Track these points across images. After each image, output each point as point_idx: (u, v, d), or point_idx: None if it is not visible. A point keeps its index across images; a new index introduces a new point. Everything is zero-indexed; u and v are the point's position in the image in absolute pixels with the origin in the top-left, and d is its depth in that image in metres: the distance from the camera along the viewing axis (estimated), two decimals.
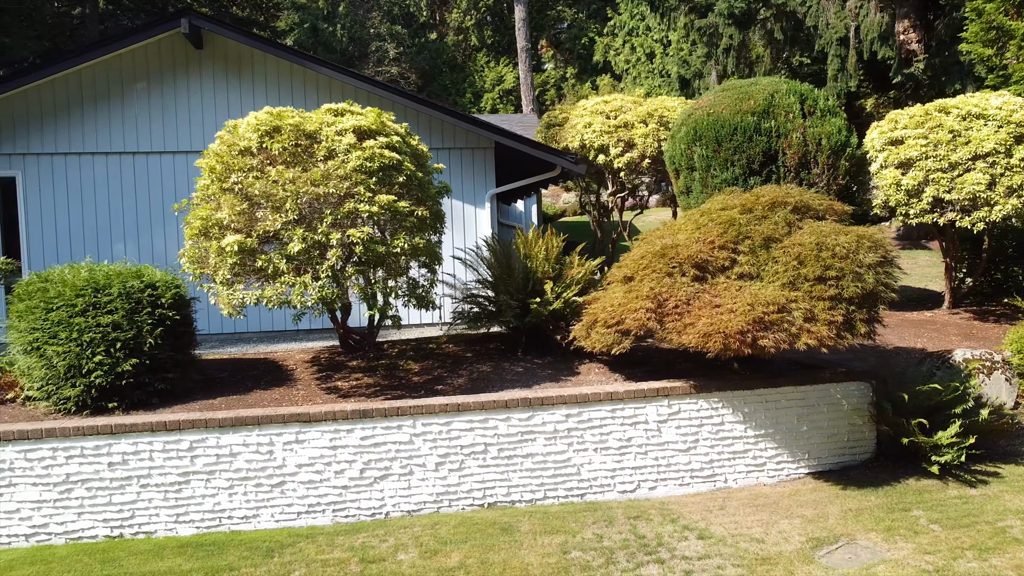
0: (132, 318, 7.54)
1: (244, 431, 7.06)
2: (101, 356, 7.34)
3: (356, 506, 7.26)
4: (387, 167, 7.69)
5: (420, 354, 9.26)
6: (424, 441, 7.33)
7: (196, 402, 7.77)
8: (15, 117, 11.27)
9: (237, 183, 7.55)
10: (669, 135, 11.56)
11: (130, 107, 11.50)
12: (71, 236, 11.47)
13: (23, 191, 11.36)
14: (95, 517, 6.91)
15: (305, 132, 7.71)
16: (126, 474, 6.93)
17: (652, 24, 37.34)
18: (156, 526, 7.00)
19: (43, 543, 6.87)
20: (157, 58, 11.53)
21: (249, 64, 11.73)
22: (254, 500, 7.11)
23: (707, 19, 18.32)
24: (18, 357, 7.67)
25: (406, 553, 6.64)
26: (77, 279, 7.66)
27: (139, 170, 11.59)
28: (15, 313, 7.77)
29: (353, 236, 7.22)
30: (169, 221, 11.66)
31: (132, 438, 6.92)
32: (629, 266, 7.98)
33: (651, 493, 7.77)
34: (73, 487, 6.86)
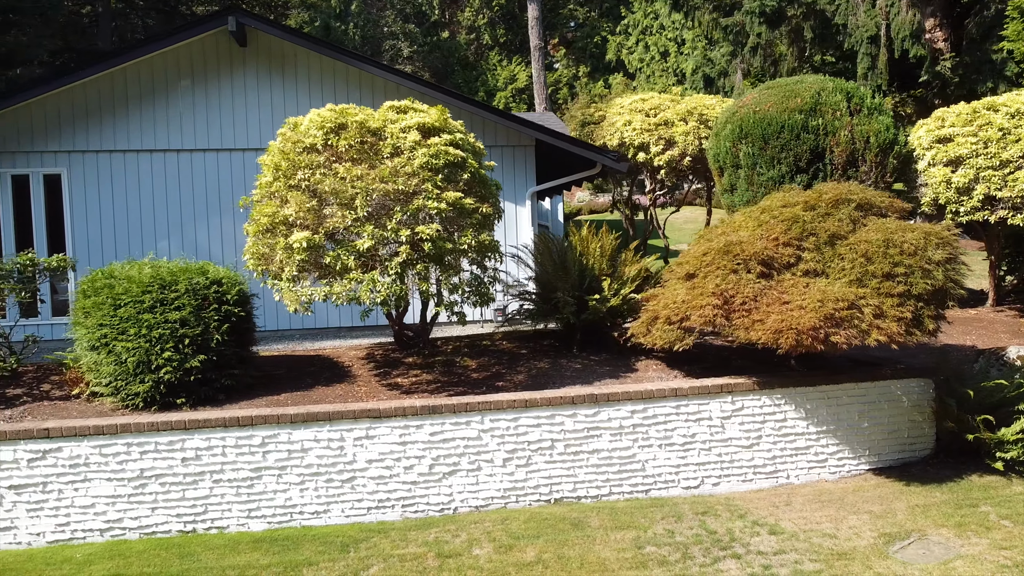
0: (199, 314, 7.57)
1: (315, 427, 7.09)
2: (170, 352, 7.37)
3: (425, 501, 7.29)
4: (452, 164, 7.72)
5: (475, 351, 9.29)
6: (492, 437, 7.36)
7: (261, 398, 7.81)
8: (61, 115, 11.29)
9: (304, 180, 7.57)
10: (712, 133, 11.58)
11: (174, 105, 11.53)
12: (115, 232, 11.49)
13: (68, 188, 11.39)
14: (168, 512, 6.94)
15: (370, 129, 7.74)
16: (199, 469, 6.95)
17: (666, 23, 37.38)
18: (228, 521, 7.03)
19: (117, 538, 6.90)
20: (201, 56, 11.55)
21: (292, 62, 11.75)
22: (324, 495, 7.14)
23: (733, 18, 18.33)
24: (85, 353, 7.69)
25: (480, 548, 6.67)
26: (143, 275, 7.69)
27: (183, 167, 11.62)
28: (81, 309, 7.80)
29: (422, 233, 7.25)
30: (212, 217, 11.68)
31: (205, 434, 6.95)
32: (690, 263, 8.00)
33: (715, 489, 7.80)
34: (147, 482, 6.89)
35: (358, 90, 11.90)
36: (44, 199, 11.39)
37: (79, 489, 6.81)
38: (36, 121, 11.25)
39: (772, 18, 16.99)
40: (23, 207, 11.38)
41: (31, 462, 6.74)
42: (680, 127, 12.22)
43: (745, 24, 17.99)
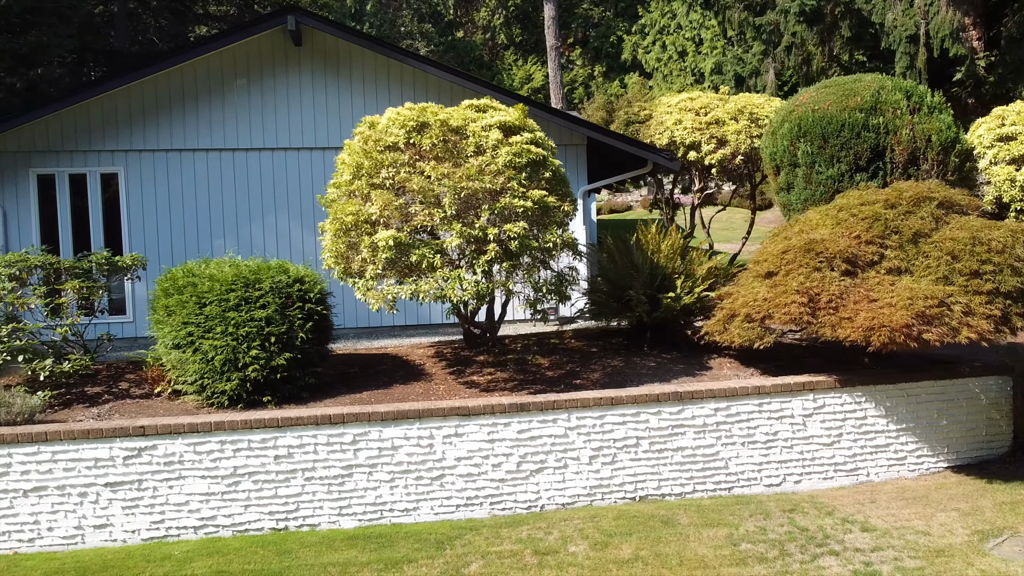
0: (284, 312, 7.59)
1: (405, 424, 7.11)
2: (257, 350, 7.39)
3: (512, 499, 7.31)
4: (534, 163, 7.74)
5: (544, 349, 9.31)
6: (578, 435, 7.38)
7: (344, 396, 7.83)
8: (118, 114, 11.32)
9: (388, 179, 7.59)
10: (767, 131, 11.59)
11: (230, 104, 11.55)
12: (171, 231, 11.52)
13: (125, 186, 11.42)
14: (261, 510, 6.96)
15: (451, 127, 7.75)
16: (291, 467, 6.97)
17: (683, 23, 37.42)
18: (319, 519, 7.05)
19: (211, 535, 6.92)
20: (257, 55, 11.57)
21: (347, 61, 11.77)
22: (414, 493, 7.16)
23: (767, 16, 18.35)
24: (168, 351, 7.71)
25: (575, 545, 6.68)
26: (226, 274, 7.71)
27: (237, 167, 11.64)
28: (163, 308, 7.82)
29: (510, 231, 7.27)
30: (267, 216, 11.71)
31: (297, 431, 6.97)
32: (769, 262, 8.02)
33: (796, 487, 7.81)
34: (240, 480, 6.91)
35: (411, 89, 11.91)
36: (101, 198, 11.42)
37: (173, 487, 6.83)
38: (93, 121, 11.28)
39: (811, 17, 17.01)
40: (80, 206, 11.41)
41: (127, 460, 6.76)
42: (731, 126, 12.25)
43: (779, 23, 18.02)
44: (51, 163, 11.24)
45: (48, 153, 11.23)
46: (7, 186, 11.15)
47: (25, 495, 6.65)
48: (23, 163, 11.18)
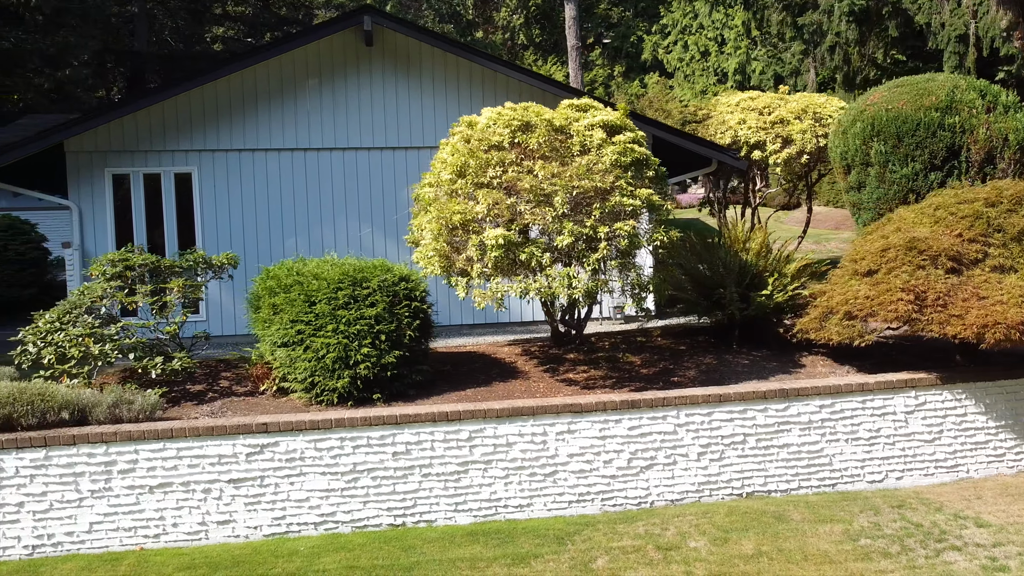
0: (392, 310, 7.65)
1: (519, 421, 7.17)
2: (368, 348, 7.45)
3: (623, 495, 7.37)
4: (638, 162, 7.80)
5: (632, 347, 9.36)
6: (687, 431, 7.44)
7: (449, 393, 7.89)
8: (192, 115, 11.38)
9: (495, 178, 7.65)
10: (835, 131, 11.64)
11: (302, 104, 11.61)
12: (244, 230, 11.58)
13: (198, 186, 11.48)
14: (379, 506, 7.02)
15: (555, 127, 7.81)
16: (409, 464, 7.04)
17: (705, 23, 37.46)
18: (436, 515, 7.11)
19: (331, 531, 6.98)
20: (329, 55, 11.63)
21: (416, 61, 11.83)
22: (528, 489, 7.22)
23: (808, 16, 18.41)
24: (275, 349, 7.77)
25: (695, 541, 6.74)
26: (332, 272, 7.77)
27: (309, 166, 11.70)
28: (269, 306, 7.89)
29: (620, 229, 7.33)
30: (338, 216, 11.77)
31: (415, 428, 7.03)
32: (867, 260, 8.07)
33: (898, 483, 7.87)
34: (359, 476, 6.97)
35: (480, 88, 11.97)
36: (175, 198, 11.49)
37: (294, 483, 6.90)
38: (168, 121, 11.35)
39: (860, 17, 17.09)
40: (154, 205, 11.48)
41: (249, 456, 6.82)
42: (796, 125, 12.31)
43: (822, 23, 18.08)
44: (126, 163, 11.31)
45: (123, 153, 11.30)
46: (83, 185, 11.22)
47: (151, 491, 6.72)
48: (99, 163, 11.25)
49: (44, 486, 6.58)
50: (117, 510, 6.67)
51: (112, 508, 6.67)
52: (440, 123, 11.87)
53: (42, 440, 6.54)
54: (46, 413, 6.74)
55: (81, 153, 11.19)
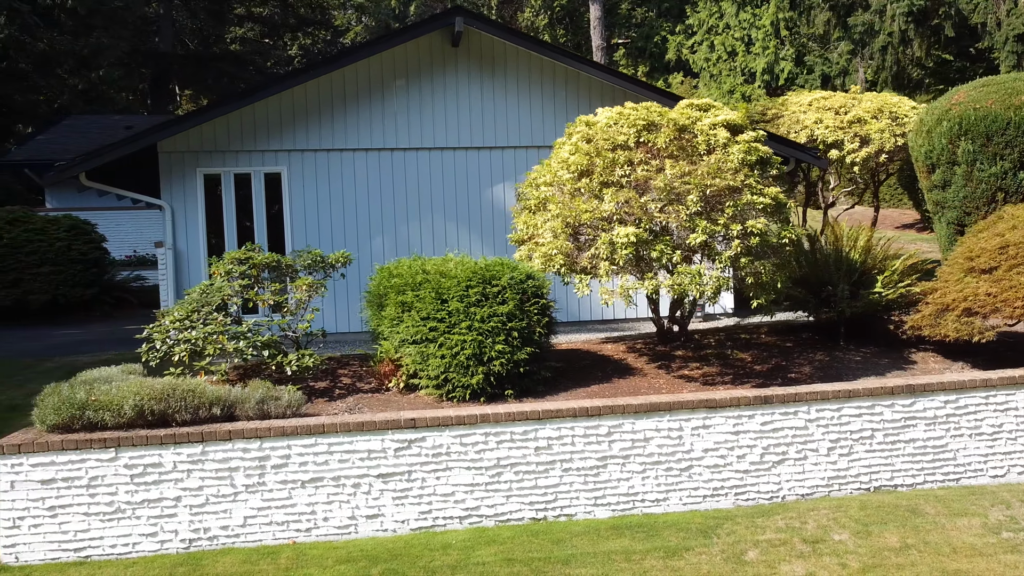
0: (523, 307, 7.76)
1: (656, 417, 7.27)
2: (502, 345, 7.56)
3: (756, 490, 7.47)
4: (762, 160, 7.90)
5: (738, 344, 9.46)
6: (817, 427, 7.54)
7: (577, 389, 8.00)
8: (282, 116, 11.50)
9: (624, 176, 7.76)
10: (917, 130, 11.73)
11: (388, 105, 11.72)
12: (332, 229, 11.70)
13: (288, 186, 11.60)
14: (521, 500, 7.12)
15: (679, 126, 7.92)
16: (550, 458, 7.14)
17: (732, 23, 37.54)
18: (576, 509, 7.21)
19: (475, 525, 7.08)
20: (415, 56, 11.74)
21: (501, 61, 11.94)
22: (664, 484, 7.32)
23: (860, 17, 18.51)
24: (407, 346, 7.87)
25: (837, 534, 6.84)
26: (460, 270, 7.87)
27: (396, 166, 11.82)
28: (396, 304, 7.99)
29: (752, 227, 7.43)
30: (424, 215, 11.88)
31: (556, 424, 7.13)
32: (985, 257, 8.17)
33: (1020, 478, 7.96)
34: (503, 471, 7.07)
35: (564, 88, 12.08)
36: (265, 197, 11.60)
37: (440, 478, 7.00)
38: (259, 122, 11.46)
39: (919, 17, 17.20)
40: (245, 204, 11.59)
41: (397, 451, 6.92)
42: (874, 124, 12.41)
43: (874, 23, 18.18)
44: (217, 163, 11.42)
45: (215, 153, 11.42)
46: (175, 185, 11.34)
47: (303, 486, 6.82)
48: (191, 163, 11.36)
49: (200, 481, 6.68)
50: (270, 504, 6.78)
51: (265, 502, 6.77)
52: (524, 123, 11.99)
53: (199, 436, 6.65)
54: (198, 409, 6.85)
55: (174, 153, 11.31)
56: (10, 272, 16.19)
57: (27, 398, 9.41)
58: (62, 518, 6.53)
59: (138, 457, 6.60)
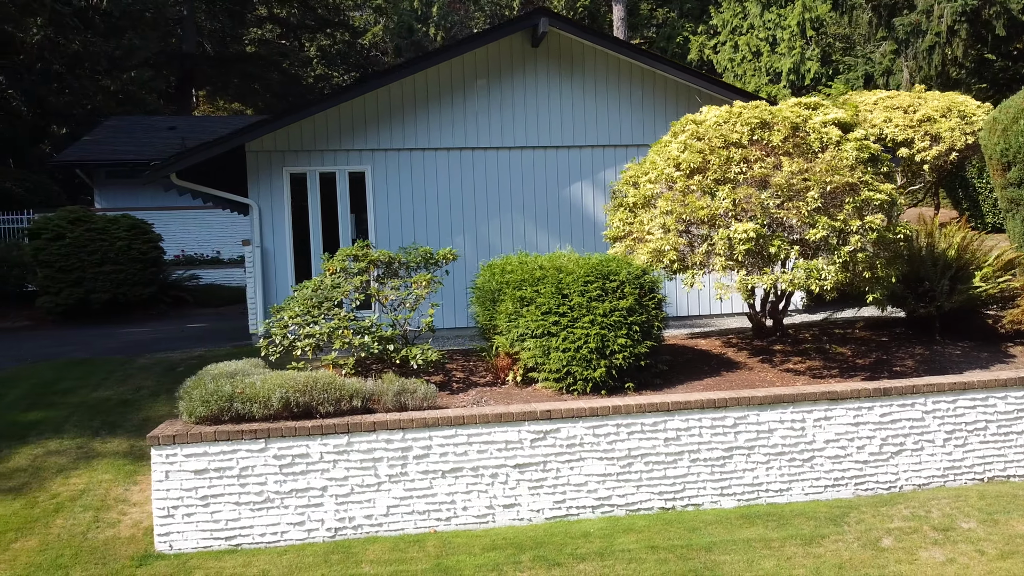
0: (641, 302, 7.92)
1: (780, 408, 7.43)
2: (623, 339, 7.71)
3: (874, 480, 7.63)
4: (873, 158, 8.06)
5: (833, 338, 9.62)
6: (933, 418, 7.70)
7: (692, 382, 8.15)
8: (367, 117, 11.67)
9: (740, 173, 7.92)
10: (988, 127, 11.87)
11: (470, 105, 11.89)
12: (415, 227, 11.86)
13: (371, 184, 11.76)
14: (651, 490, 7.28)
15: (791, 124, 8.07)
16: (678, 449, 7.30)
17: (756, 23, 37.71)
18: (703, 499, 7.37)
19: (607, 514, 7.24)
20: (496, 57, 11.91)
21: (580, 60, 12.10)
22: (787, 474, 7.48)
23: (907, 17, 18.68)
24: (526, 340, 8.02)
25: (965, 522, 7.00)
26: (577, 266, 8.03)
27: (476, 165, 11.99)
28: (514, 299, 8.15)
29: (871, 223, 7.58)
30: (504, 214, 12.04)
31: (684, 415, 7.29)
32: None
33: None
34: (633, 461, 7.24)
35: (640, 87, 12.24)
36: (349, 195, 11.77)
37: (574, 468, 7.16)
38: (343, 122, 11.63)
39: (971, 17, 17.37)
40: (329, 203, 11.76)
41: (533, 442, 7.09)
42: (944, 123, 12.57)
43: (920, 23, 18.35)
44: (303, 162, 11.59)
45: (301, 153, 11.59)
46: (262, 184, 11.50)
47: (443, 476, 6.98)
48: (277, 163, 11.53)
49: (346, 471, 6.85)
50: (412, 494, 6.94)
51: (407, 492, 6.94)
52: (601, 122, 12.15)
53: (345, 427, 6.81)
54: (340, 401, 7.01)
55: (261, 153, 11.48)
56: (73, 271, 16.39)
57: (135, 393, 9.61)
58: (214, 507, 6.70)
59: (286, 448, 6.77)
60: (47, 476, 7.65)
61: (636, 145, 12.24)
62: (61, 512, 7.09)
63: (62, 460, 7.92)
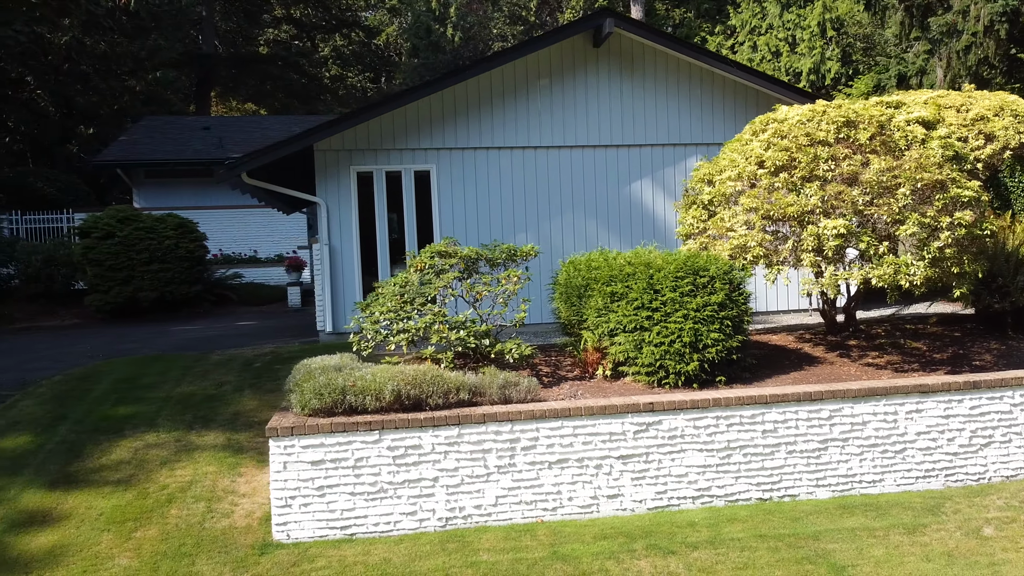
0: (731, 297, 8.06)
1: (873, 401, 7.58)
2: (716, 333, 7.86)
3: (963, 471, 7.77)
4: (957, 156, 8.20)
5: (906, 333, 9.77)
6: (1021, 411, 7.84)
7: (778, 375, 8.30)
8: (432, 116, 11.82)
9: (828, 171, 8.07)
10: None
11: (533, 104, 12.05)
12: (479, 225, 12.02)
13: (436, 182, 11.92)
14: (749, 481, 7.43)
15: (878, 123, 8.22)
16: (775, 441, 7.45)
17: (775, 23, 37.88)
18: (798, 490, 7.52)
19: (706, 505, 7.39)
20: (558, 57, 12.07)
21: (640, 60, 12.25)
22: (880, 465, 7.63)
23: (944, 17, 18.85)
24: (617, 334, 8.17)
25: None
26: (666, 263, 8.18)
27: (539, 163, 12.14)
28: (604, 294, 8.30)
29: (961, 219, 7.73)
30: (565, 212, 12.20)
31: (781, 408, 7.44)
32: None
33: None
34: (732, 453, 7.39)
35: (699, 86, 12.39)
36: (415, 194, 11.92)
37: (675, 459, 7.32)
38: (409, 122, 11.79)
39: (1011, 17, 17.55)
40: (395, 201, 11.91)
41: (636, 434, 7.24)
42: (997, 122, 12.71)
43: (956, 23, 18.52)
44: (369, 161, 11.75)
45: (367, 152, 11.74)
46: (330, 182, 11.66)
47: (549, 467, 7.13)
48: (344, 162, 11.69)
49: (456, 462, 7.00)
50: (519, 485, 7.09)
51: (515, 483, 7.09)
52: (661, 121, 12.30)
53: (456, 419, 6.96)
54: (448, 394, 7.16)
55: (329, 152, 11.64)
56: (122, 269, 16.56)
57: (218, 388, 9.77)
58: (329, 497, 6.85)
59: (399, 439, 6.92)
60: (152, 468, 7.81)
61: (694, 144, 12.39)
62: (174, 503, 7.24)
63: (163, 453, 8.08)
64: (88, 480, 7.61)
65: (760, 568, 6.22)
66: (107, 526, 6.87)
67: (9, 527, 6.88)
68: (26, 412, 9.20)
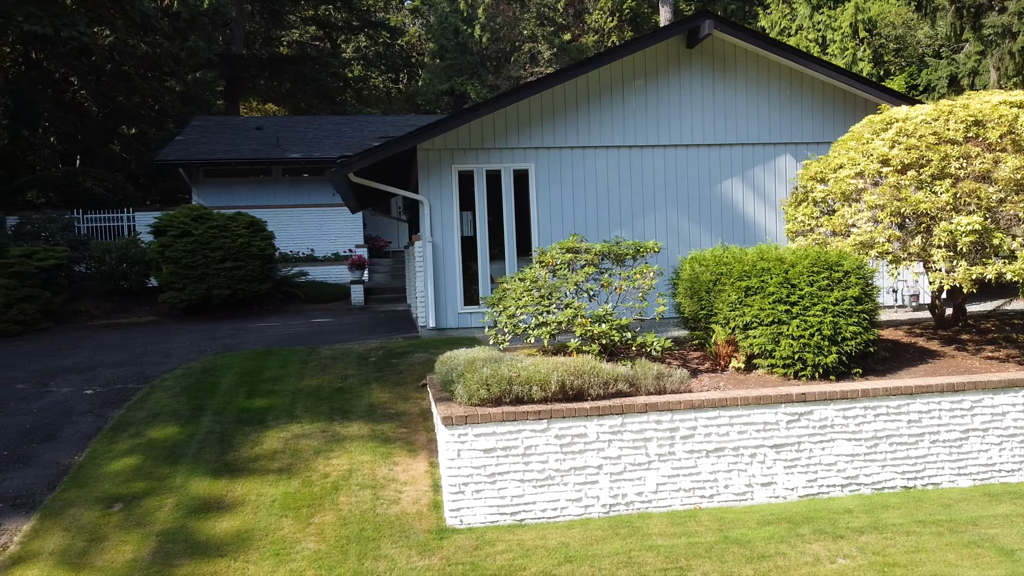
0: (867, 292, 8.29)
1: (1012, 392, 7.81)
2: (854, 327, 8.09)
3: None
4: None
5: (1016, 328, 9.99)
6: None
7: (909, 368, 8.52)
8: (531, 117, 12.06)
9: (960, 169, 8.30)
10: None
11: (628, 104, 12.28)
12: (575, 222, 12.25)
13: (534, 180, 12.15)
14: (894, 469, 7.66)
15: (1008, 122, 8.45)
16: (919, 431, 7.68)
17: (805, 24, 38.13)
18: (941, 478, 7.75)
19: (854, 492, 7.62)
20: (653, 58, 12.30)
21: (731, 60, 12.48)
22: (1019, 455, 7.85)
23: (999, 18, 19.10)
24: (752, 328, 8.40)
25: None
26: (796, 257, 8.41)
27: (634, 162, 12.37)
28: (737, 289, 8.52)
29: None
30: (659, 210, 12.43)
31: (925, 398, 7.67)
32: None
33: None
34: (878, 442, 7.62)
35: (788, 87, 12.62)
36: (513, 191, 12.15)
37: (824, 448, 7.54)
38: (509, 122, 12.03)
39: None
40: (494, 198, 12.15)
41: (788, 424, 7.47)
42: None
43: (1012, 24, 18.77)
44: (470, 160, 11.98)
45: (468, 151, 11.98)
46: (432, 180, 11.90)
47: (707, 455, 7.37)
48: (446, 160, 11.92)
49: (619, 450, 7.23)
50: (678, 472, 7.33)
51: (674, 471, 7.32)
52: (752, 120, 12.53)
53: (619, 408, 7.20)
54: (607, 384, 7.39)
55: (431, 152, 11.88)
56: (197, 267, 16.79)
57: (343, 381, 10.02)
58: (500, 484, 7.08)
59: (566, 428, 7.15)
60: (307, 458, 8.04)
61: (783, 143, 12.62)
62: (340, 491, 7.47)
63: (313, 443, 8.31)
64: (249, 469, 7.84)
65: (931, 551, 6.45)
66: (283, 512, 7.10)
67: (188, 513, 7.11)
68: (162, 404, 9.43)
